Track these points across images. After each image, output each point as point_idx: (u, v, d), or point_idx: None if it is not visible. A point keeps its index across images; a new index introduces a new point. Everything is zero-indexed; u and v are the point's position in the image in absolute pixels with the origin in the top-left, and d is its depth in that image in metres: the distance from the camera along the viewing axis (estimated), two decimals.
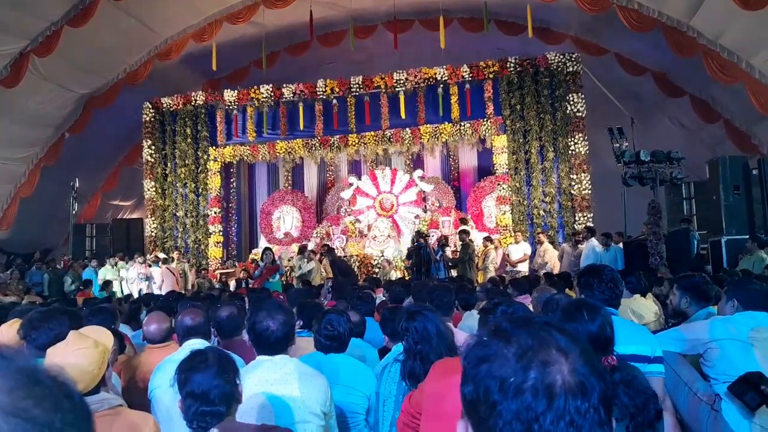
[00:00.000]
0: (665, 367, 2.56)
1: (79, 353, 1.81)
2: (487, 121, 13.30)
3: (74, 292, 11.04)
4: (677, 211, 11.91)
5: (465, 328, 3.79)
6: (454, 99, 13.45)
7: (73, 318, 2.51)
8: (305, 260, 11.43)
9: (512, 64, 13.17)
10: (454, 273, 10.93)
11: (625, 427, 1.82)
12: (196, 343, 2.89)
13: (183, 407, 1.79)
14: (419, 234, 11.75)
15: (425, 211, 14.93)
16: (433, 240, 12.29)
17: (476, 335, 0.84)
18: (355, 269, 12.82)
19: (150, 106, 15.21)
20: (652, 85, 14.35)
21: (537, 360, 0.73)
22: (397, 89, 13.70)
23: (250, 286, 10.57)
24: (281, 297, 6.04)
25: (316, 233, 15.09)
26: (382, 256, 13.56)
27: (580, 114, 12.78)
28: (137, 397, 3.09)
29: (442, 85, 13.51)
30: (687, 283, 3.36)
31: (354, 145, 14.24)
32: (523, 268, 11.17)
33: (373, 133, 13.94)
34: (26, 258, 14.26)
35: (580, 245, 10.93)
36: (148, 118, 15.21)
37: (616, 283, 2.73)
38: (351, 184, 15.58)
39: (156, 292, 10.91)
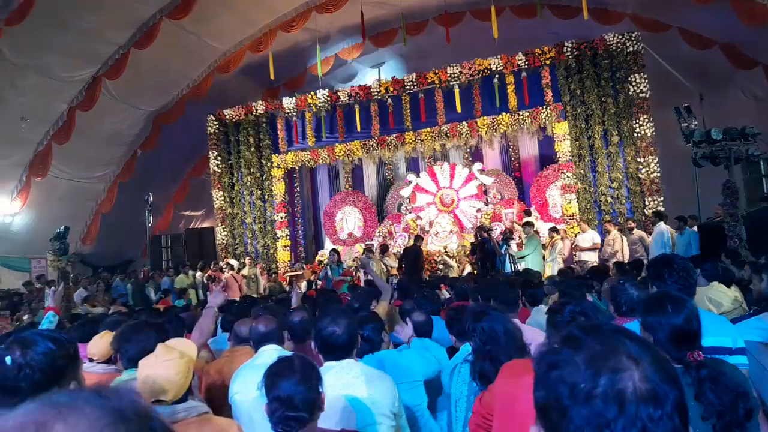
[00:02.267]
0: (748, 358, 2.46)
1: (167, 364, 1.94)
2: (546, 108, 13.00)
3: (157, 301, 11.64)
4: (756, 189, 11.27)
5: (533, 324, 3.73)
6: (510, 88, 13.23)
7: (159, 331, 2.67)
8: (369, 260, 11.57)
9: (569, 49, 12.81)
10: (521, 266, 10.76)
11: (712, 426, 1.75)
12: (271, 349, 3.01)
13: (269, 411, 1.87)
14: (482, 229, 11.65)
15: (487, 204, 14.76)
16: (496, 233, 12.15)
17: (547, 341, 0.86)
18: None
19: (214, 119, 15.79)
20: (720, 58, 13.59)
21: (607, 367, 0.74)
22: (451, 83, 13.62)
23: (318, 287, 10.83)
24: (348, 298, 6.16)
25: (378, 232, 15.22)
26: (445, 252, 13.53)
27: (644, 95, 12.28)
28: (217, 400, 3.24)
29: (497, 76, 13.32)
30: None
31: (411, 143, 14.27)
32: (592, 259, 10.88)
33: (429, 129, 13.93)
34: (110, 270, 15.15)
35: (635, 231, 10.66)
36: (212, 130, 15.80)
37: (689, 273, 2.63)
38: (410, 182, 15.60)
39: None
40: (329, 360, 2.46)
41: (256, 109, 15.45)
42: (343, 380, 2.36)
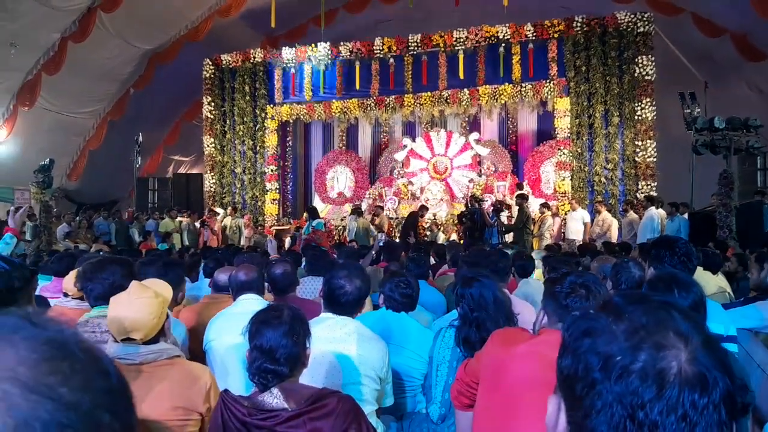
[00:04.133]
0: (738, 347, 2.41)
1: (140, 303, 1.84)
2: (549, 82, 12.78)
3: (139, 243, 11.53)
4: (750, 182, 11.23)
5: (520, 295, 3.69)
6: (515, 59, 12.96)
7: (123, 265, 2.53)
8: (355, 221, 11.53)
9: (579, 24, 12.52)
10: (508, 238, 10.75)
11: None
12: (250, 298, 2.93)
13: (249, 359, 1.78)
14: (474, 198, 11.58)
15: (480, 175, 14.65)
16: (487, 204, 12.09)
17: (582, 309, 0.77)
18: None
19: (210, 63, 15.37)
20: (729, 48, 13.37)
21: (650, 341, 0.65)
22: (456, 48, 13.31)
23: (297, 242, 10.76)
24: (335, 255, 6.09)
25: (369, 194, 15.10)
26: (434, 219, 13.47)
27: (649, 77, 12.10)
28: (194, 346, 3.17)
29: (503, 45, 13.03)
30: None
31: (410, 106, 14.01)
32: (580, 237, 10.86)
33: (429, 93, 13.64)
34: (94, 208, 14.95)
35: (628, 213, 10.62)
36: (208, 75, 15.40)
37: (689, 257, 2.56)
38: (405, 146, 15.42)
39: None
40: (328, 311, 2.39)
41: (254, 57, 15.04)
42: (335, 334, 2.30)
